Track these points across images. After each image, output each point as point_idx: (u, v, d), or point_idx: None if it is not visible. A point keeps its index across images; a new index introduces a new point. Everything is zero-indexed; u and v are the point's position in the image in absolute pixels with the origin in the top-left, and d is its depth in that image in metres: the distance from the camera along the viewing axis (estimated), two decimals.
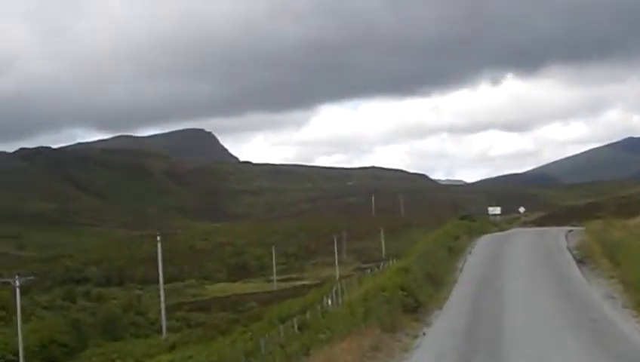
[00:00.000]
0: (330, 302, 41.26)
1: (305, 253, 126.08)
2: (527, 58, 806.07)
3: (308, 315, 39.33)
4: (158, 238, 79.93)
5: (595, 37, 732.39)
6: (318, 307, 41.38)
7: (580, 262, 44.96)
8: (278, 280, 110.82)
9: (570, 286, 36.63)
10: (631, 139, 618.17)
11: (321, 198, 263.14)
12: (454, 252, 54.85)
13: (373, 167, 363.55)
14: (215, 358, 48.16)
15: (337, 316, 32.26)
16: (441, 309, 32.63)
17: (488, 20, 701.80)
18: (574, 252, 49.47)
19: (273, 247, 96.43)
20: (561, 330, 25.80)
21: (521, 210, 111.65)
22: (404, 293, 31.60)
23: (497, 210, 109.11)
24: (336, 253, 75.67)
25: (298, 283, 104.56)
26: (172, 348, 66.25)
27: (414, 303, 31.37)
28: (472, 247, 59.48)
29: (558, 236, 63.24)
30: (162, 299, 78.69)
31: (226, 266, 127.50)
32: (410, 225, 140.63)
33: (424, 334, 27.09)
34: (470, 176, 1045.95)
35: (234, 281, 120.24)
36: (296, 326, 35.84)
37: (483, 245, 61.79)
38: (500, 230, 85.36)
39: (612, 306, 30.38)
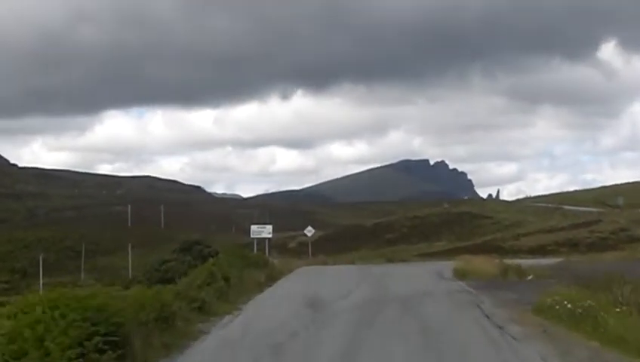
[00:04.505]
0: None
1: (37, 270, 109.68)
2: (318, 75, 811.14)
3: None
4: None
5: (386, 58, 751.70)
6: None
7: None
8: None
9: None
10: (407, 161, 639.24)
11: (88, 206, 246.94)
12: None
13: (148, 177, 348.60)
14: None
15: None
16: None
17: (284, 36, 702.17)
18: None
19: None
20: None
21: (309, 231, 74.59)
22: None
23: (267, 231, 64.30)
24: (40, 274, 63.44)
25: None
26: None
27: None
28: None
29: None
30: None
31: None
32: (171, 239, 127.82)
33: None
34: (249, 190, 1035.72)
35: None
36: None
37: None
38: (269, 281, 38.79)
39: None
